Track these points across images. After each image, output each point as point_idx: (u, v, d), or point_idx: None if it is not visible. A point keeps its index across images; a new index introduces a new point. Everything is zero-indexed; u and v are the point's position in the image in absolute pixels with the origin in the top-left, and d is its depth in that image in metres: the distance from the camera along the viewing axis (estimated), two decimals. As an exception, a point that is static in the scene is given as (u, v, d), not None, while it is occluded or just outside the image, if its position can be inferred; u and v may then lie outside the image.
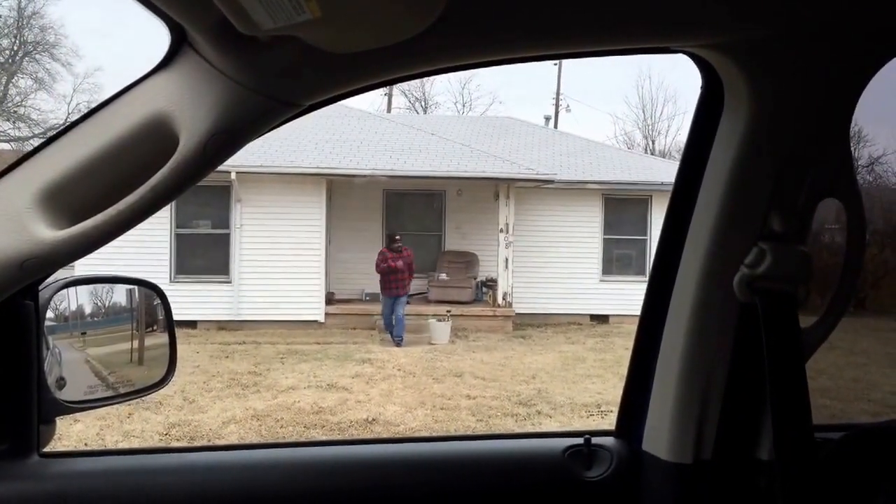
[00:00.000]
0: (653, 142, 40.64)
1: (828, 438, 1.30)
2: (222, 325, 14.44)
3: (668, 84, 47.24)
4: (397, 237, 13.83)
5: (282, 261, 14.54)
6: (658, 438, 1.41)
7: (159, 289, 1.57)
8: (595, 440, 1.50)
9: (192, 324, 14.06)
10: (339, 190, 15.92)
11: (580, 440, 1.49)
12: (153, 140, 1.04)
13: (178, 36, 1.01)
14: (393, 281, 13.25)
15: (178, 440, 7.25)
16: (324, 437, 7.40)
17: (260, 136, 1.10)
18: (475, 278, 16.05)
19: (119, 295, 1.61)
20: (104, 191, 1.06)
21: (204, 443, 6.99)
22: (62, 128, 1.12)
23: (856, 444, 1.33)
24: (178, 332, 1.53)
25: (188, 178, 1.03)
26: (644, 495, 1.44)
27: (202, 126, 1.00)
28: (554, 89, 38.89)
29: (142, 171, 1.03)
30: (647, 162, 19.52)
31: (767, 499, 1.31)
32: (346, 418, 8.22)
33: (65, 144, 1.07)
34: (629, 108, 66.18)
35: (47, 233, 1.05)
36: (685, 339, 1.34)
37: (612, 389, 9.57)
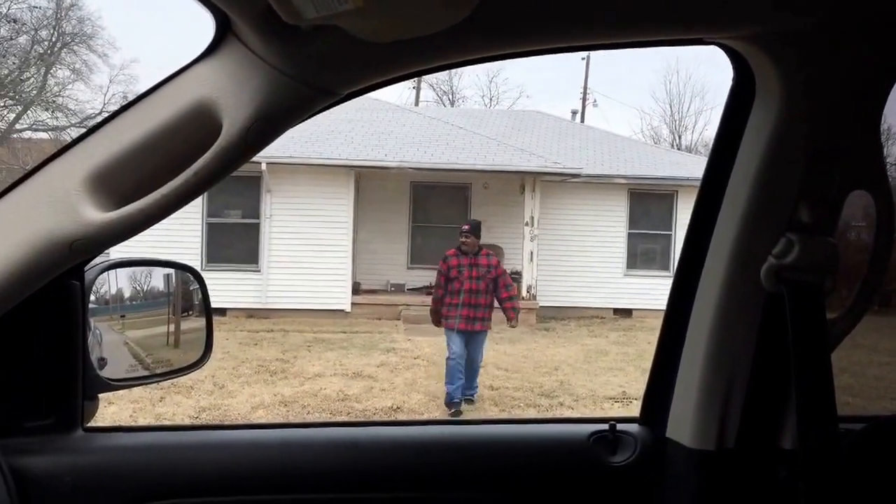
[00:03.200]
0: (679, 137, 40.29)
1: (851, 429, 1.31)
2: (251, 313, 14.58)
3: (696, 79, 46.88)
4: (466, 229, 8.19)
5: (310, 251, 14.64)
6: (682, 426, 1.42)
7: (197, 272, 1.61)
8: (620, 427, 1.51)
9: (221, 311, 14.20)
10: (366, 182, 15.98)
11: (605, 426, 1.51)
12: (197, 126, 1.07)
13: (223, 25, 1.04)
14: (465, 305, 7.85)
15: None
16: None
17: (299, 123, 1.13)
18: (500, 271, 15.89)
19: (157, 279, 1.65)
20: (150, 174, 1.09)
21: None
22: (111, 113, 1.15)
23: (879, 435, 1.34)
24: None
25: (230, 163, 1.06)
26: (667, 481, 1.46)
27: (244, 113, 1.03)
28: (581, 83, 38.57)
29: (186, 156, 1.06)
30: (674, 157, 19.36)
31: (789, 488, 1.33)
32: (371, 406, 8.30)
33: (113, 129, 1.11)
34: (656, 103, 65.55)
35: (95, 215, 1.08)
36: (711, 327, 1.35)
37: (635, 383, 9.54)
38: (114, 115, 1.13)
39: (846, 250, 1.30)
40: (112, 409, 7.42)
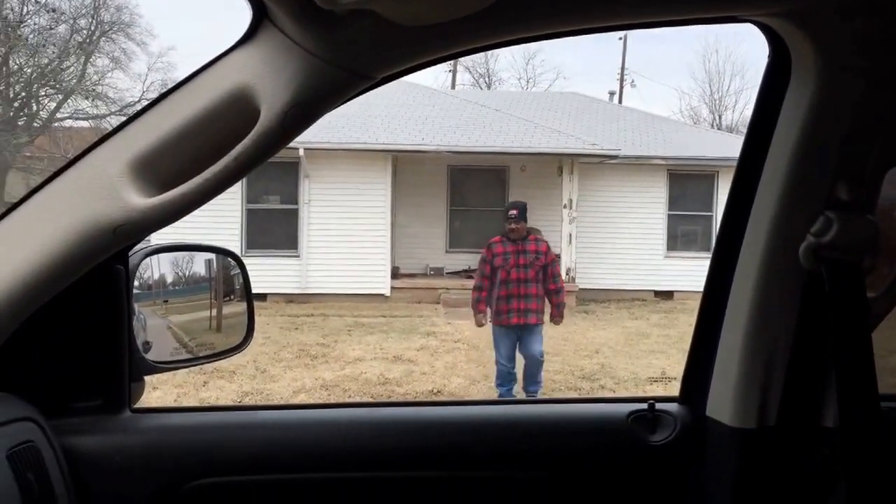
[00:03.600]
0: (719, 116, 39.67)
1: (893, 407, 1.30)
2: (291, 298, 14.74)
3: (736, 57, 45.98)
4: (514, 214, 7.13)
5: (348, 235, 14.73)
6: (722, 404, 1.42)
7: (238, 256, 1.64)
8: (659, 406, 1.52)
9: (262, 297, 14.39)
10: (404, 166, 16.01)
11: (644, 405, 1.52)
12: (236, 112, 1.09)
13: (259, 12, 1.06)
14: (516, 297, 7.00)
15: (249, 408, 7.49)
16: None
17: (336, 107, 1.15)
18: (538, 254, 15.84)
19: (198, 264, 1.69)
20: (191, 160, 1.12)
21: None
22: (151, 101, 1.18)
23: None
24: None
25: (269, 148, 1.08)
26: (707, 459, 1.46)
27: (282, 98, 1.05)
28: (619, 64, 38.18)
29: (225, 142, 1.08)
30: (714, 137, 19.09)
31: (831, 466, 1.32)
32: (412, 389, 8.35)
33: (154, 117, 1.13)
34: (695, 83, 64.48)
35: (138, 200, 1.11)
36: (750, 305, 1.35)
37: (677, 365, 9.46)
38: (154, 103, 1.15)
39: (886, 228, 1.28)
40: (157, 394, 7.58)
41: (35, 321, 1.23)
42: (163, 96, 1.15)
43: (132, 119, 1.15)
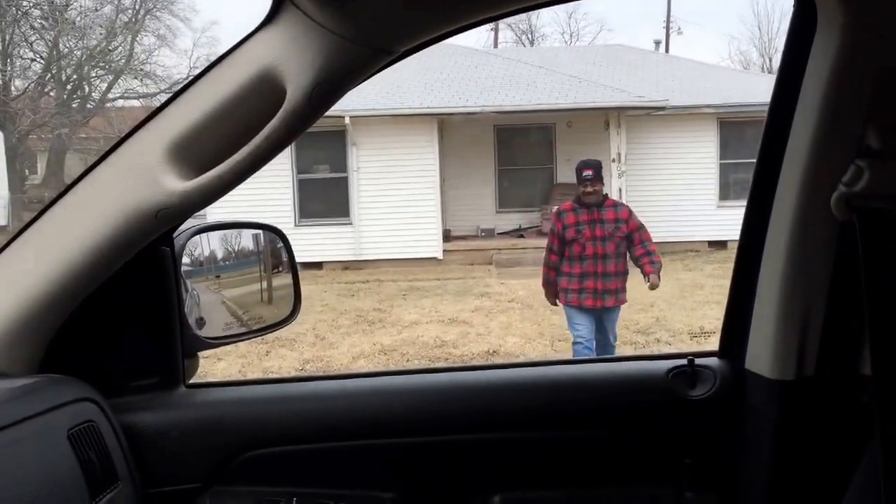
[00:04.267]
0: (770, 59, 38.35)
1: None
2: (346, 266, 14.94)
3: (785, -5, 44.23)
4: (590, 174, 5.97)
5: (399, 201, 14.82)
6: (761, 357, 1.42)
7: (280, 231, 1.68)
8: (698, 361, 1.52)
9: (318, 265, 14.62)
10: (450, 128, 15.97)
11: (684, 361, 1.53)
12: (263, 93, 1.11)
13: None
14: (592, 275, 5.98)
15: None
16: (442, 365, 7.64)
17: (360, 83, 1.17)
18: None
19: (246, 239, 1.73)
20: (224, 142, 1.15)
21: (333, 377, 7.33)
22: (181, 87, 1.21)
23: None
24: (307, 274, 1.63)
25: (297, 126, 1.11)
26: (748, 412, 1.47)
27: (307, 77, 1.07)
28: (664, 12, 37.19)
29: (255, 123, 1.11)
30: (765, 80, 18.53)
31: (870, 413, 1.32)
32: (469, 351, 8.43)
33: (185, 102, 1.17)
34: (744, 26, 62.40)
35: (177, 184, 1.15)
36: (785, 257, 1.34)
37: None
38: (185, 88, 1.19)
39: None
40: (222, 365, 7.79)
41: (88, 306, 1.28)
42: (193, 81, 1.19)
43: (165, 105, 1.19)
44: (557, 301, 6.21)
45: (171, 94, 1.21)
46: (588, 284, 5.98)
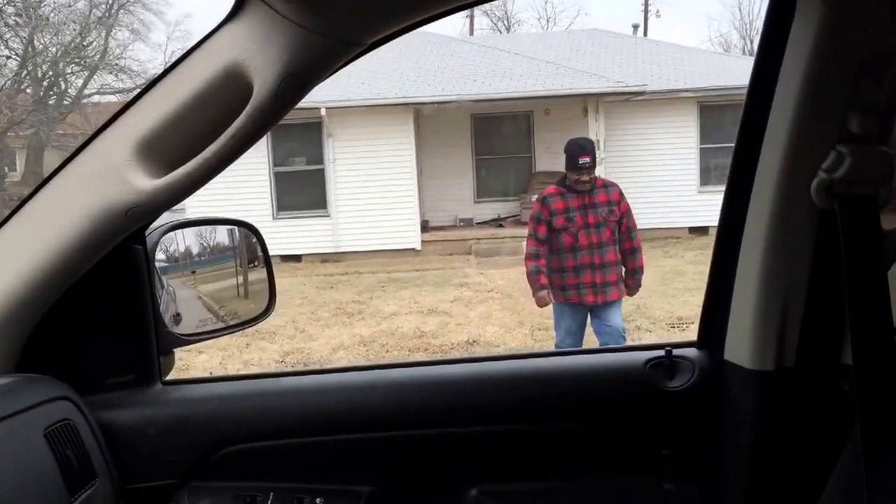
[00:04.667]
0: (751, 41, 38.52)
1: None
2: (325, 258, 14.89)
3: (766, -25, 44.34)
4: (587, 161, 5.33)
5: (376, 191, 14.78)
6: (740, 347, 1.41)
7: (253, 227, 1.66)
8: (676, 352, 1.51)
9: (296, 258, 14.56)
10: (426, 118, 15.93)
11: (661, 352, 1.51)
12: (230, 88, 1.10)
13: None
14: (590, 267, 5.28)
15: (293, 367, 7.61)
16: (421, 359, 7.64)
17: (329, 75, 1.15)
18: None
19: (222, 235, 1.72)
20: (192, 139, 1.14)
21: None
22: (146, 84, 1.20)
23: None
24: (286, 266, 1.61)
25: (265, 122, 1.09)
26: (727, 403, 1.45)
27: (273, 72, 1.05)
28: (642, -5, 37.19)
29: (224, 119, 1.09)
30: (746, 63, 18.57)
31: (851, 402, 1.31)
32: (448, 341, 8.43)
33: (152, 99, 1.15)
34: (724, 7, 62.63)
35: (146, 182, 1.14)
36: (764, 246, 1.33)
37: (713, 301, 9.39)
38: (152, 85, 1.17)
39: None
40: (203, 358, 7.75)
41: (63, 304, 1.27)
42: (159, 78, 1.17)
43: (132, 103, 1.17)
44: (549, 299, 5.32)
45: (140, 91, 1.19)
46: (585, 278, 5.29)
